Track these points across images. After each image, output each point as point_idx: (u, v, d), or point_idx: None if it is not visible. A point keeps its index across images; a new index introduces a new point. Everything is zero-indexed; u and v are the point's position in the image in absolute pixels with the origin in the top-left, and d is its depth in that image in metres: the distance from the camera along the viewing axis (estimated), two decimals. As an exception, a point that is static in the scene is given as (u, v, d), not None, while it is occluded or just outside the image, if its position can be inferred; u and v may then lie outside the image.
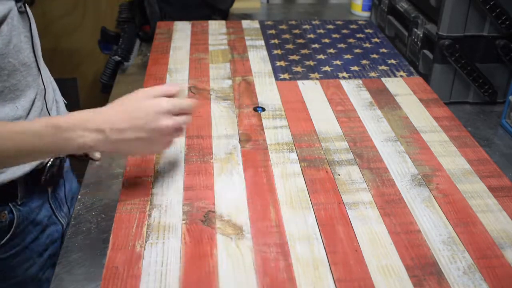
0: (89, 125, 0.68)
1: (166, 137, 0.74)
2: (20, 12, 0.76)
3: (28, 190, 0.85)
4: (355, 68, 1.23)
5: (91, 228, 0.79)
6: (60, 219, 0.93)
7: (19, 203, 0.83)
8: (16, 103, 0.77)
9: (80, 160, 0.95)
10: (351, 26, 1.50)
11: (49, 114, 0.86)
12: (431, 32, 1.17)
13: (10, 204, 0.82)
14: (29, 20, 0.79)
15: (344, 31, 1.46)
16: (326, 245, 0.71)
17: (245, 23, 1.50)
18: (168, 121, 0.72)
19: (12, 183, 0.81)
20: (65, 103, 0.98)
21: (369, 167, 0.88)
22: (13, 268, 0.86)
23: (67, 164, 0.99)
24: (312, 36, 1.43)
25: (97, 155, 0.94)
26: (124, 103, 0.73)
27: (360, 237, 0.72)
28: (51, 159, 0.87)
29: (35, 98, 0.81)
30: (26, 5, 0.78)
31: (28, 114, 0.79)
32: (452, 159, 0.90)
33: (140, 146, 0.73)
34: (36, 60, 0.81)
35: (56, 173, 0.89)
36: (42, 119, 0.70)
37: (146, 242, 0.71)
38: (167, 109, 0.72)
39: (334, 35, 1.43)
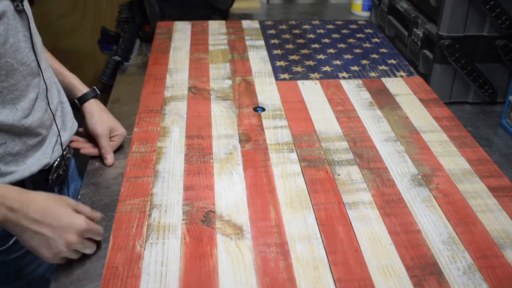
0: (7, 202, 0.68)
1: (63, 249, 0.70)
2: (18, 11, 0.75)
3: (35, 190, 0.84)
4: (355, 68, 1.23)
5: (91, 228, 0.79)
6: None
7: None
8: (15, 104, 0.76)
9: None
10: (351, 26, 1.50)
11: (54, 115, 0.85)
12: (431, 32, 1.17)
13: None
14: (28, 19, 0.78)
15: (344, 31, 1.46)
16: (326, 245, 0.71)
17: (245, 23, 1.50)
18: (74, 238, 0.70)
19: (20, 184, 0.81)
20: (97, 93, 0.98)
21: (369, 167, 0.88)
22: (21, 269, 0.86)
23: (72, 164, 0.99)
24: (312, 36, 1.43)
25: (109, 160, 0.93)
26: (54, 198, 0.72)
27: (360, 237, 0.72)
28: (57, 159, 0.87)
29: (36, 98, 0.80)
30: (24, 3, 0.77)
31: (28, 115, 0.78)
32: (452, 159, 0.90)
33: (41, 241, 0.70)
34: (37, 59, 0.81)
35: (62, 172, 0.89)
36: None
37: (146, 242, 0.71)
38: (83, 228, 0.70)
39: (334, 35, 1.43)
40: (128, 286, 0.64)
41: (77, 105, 0.96)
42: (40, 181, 0.84)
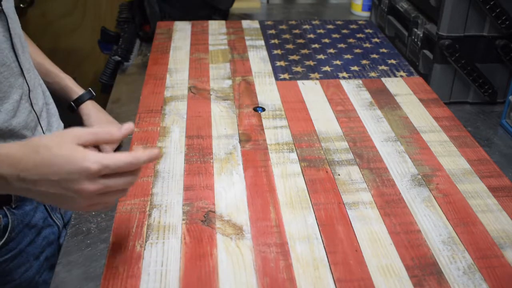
0: None
1: (87, 200, 0.59)
2: None
3: None
4: (355, 68, 1.23)
5: (91, 228, 0.79)
6: (56, 221, 0.93)
7: (13, 206, 0.83)
8: None
9: None
10: (351, 26, 1.50)
11: (38, 117, 0.84)
12: (431, 32, 1.17)
13: (4, 208, 0.82)
14: (7, 19, 0.76)
15: (344, 31, 1.46)
16: (326, 245, 0.71)
17: (245, 23, 1.50)
18: (90, 186, 0.56)
19: None
20: (93, 94, 0.96)
21: (369, 167, 0.88)
22: (10, 272, 0.85)
23: None
24: (312, 36, 1.43)
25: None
26: (45, 148, 0.58)
27: (360, 237, 0.72)
28: None
29: (20, 99, 0.79)
30: (3, 3, 0.76)
31: (13, 116, 0.77)
32: (452, 159, 0.90)
33: (53, 200, 0.60)
34: (18, 60, 0.79)
35: None
36: None
37: (146, 242, 0.71)
38: (93, 171, 0.56)
39: (334, 35, 1.43)
40: (128, 286, 0.64)
41: (73, 107, 0.96)
42: None
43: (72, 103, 0.95)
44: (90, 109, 0.95)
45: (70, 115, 0.98)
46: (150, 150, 0.60)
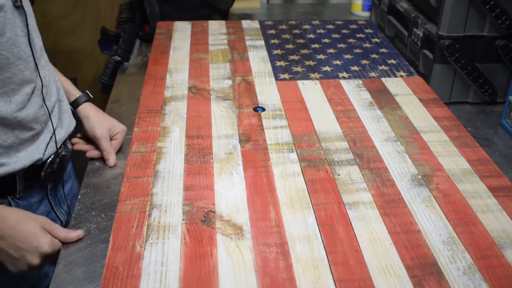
0: None
1: (23, 268, 0.75)
2: (16, 7, 0.77)
3: (28, 185, 0.85)
4: (355, 68, 1.23)
5: (91, 228, 0.79)
6: (60, 216, 0.94)
7: (17, 196, 0.84)
8: (10, 97, 0.77)
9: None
10: (351, 26, 1.50)
11: (49, 113, 0.86)
12: (431, 32, 1.17)
13: (8, 198, 0.83)
14: (26, 15, 0.79)
15: (344, 31, 1.46)
16: (326, 245, 0.71)
17: (245, 23, 1.50)
18: (36, 260, 0.74)
19: (12, 177, 0.81)
20: (90, 97, 0.99)
21: (369, 167, 0.88)
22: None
23: (70, 163, 1.00)
24: (312, 36, 1.43)
25: (111, 161, 0.93)
26: (23, 220, 0.75)
27: (360, 237, 0.72)
28: (51, 156, 0.87)
29: (32, 93, 0.81)
30: (22, 0, 0.78)
31: (22, 108, 0.79)
32: (452, 159, 0.90)
33: (2, 257, 0.75)
34: (33, 55, 0.81)
35: (56, 170, 0.89)
36: None
37: (146, 242, 0.71)
38: (46, 253, 0.74)
39: (334, 35, 1.43)
40: (128, 286, 0.64)
41: (71, 110, 0.96)
42: (32, 175, 0.85)
43: (69, 105, 0.96)
44: (88, 111, 0.96)
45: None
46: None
